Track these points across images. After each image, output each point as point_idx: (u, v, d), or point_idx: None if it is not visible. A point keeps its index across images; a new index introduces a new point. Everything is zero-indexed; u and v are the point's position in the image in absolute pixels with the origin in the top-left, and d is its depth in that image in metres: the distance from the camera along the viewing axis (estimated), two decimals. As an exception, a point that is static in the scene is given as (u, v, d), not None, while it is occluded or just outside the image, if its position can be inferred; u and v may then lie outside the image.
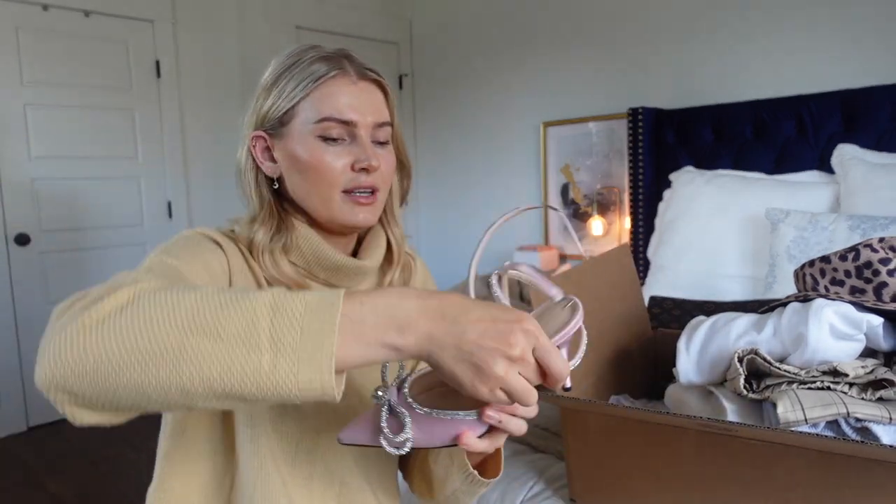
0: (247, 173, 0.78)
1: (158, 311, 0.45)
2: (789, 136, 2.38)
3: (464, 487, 0.74)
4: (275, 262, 0.75)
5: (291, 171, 0.76)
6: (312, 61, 0.74)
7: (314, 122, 0.73)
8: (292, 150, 0.75)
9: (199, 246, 0.71)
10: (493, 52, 3.55)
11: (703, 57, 2.71)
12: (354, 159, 0.74)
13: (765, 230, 2.10)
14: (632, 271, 1.30)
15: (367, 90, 0.76)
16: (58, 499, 2.33)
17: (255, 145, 0.77)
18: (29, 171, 2.88)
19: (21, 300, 2.91)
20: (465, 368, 0.48)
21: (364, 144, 0.74)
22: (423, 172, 4.11)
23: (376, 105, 0.77)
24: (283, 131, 0.75)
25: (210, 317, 0.45)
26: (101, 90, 3.05)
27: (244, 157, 0.78)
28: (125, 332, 0.44)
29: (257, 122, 0.77)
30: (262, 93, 0.77)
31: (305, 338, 0.45)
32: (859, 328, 0.88)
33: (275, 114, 0.75)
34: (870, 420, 0.82)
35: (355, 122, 0.74)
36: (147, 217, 3.25)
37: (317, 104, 0.73)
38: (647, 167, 2.71)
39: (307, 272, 0.78)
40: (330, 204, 0.75)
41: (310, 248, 0.77)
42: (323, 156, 0.73)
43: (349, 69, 0.75)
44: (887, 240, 0.95)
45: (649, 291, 2.16)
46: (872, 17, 2.26)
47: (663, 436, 0.88)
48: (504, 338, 0.47)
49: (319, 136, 0.73)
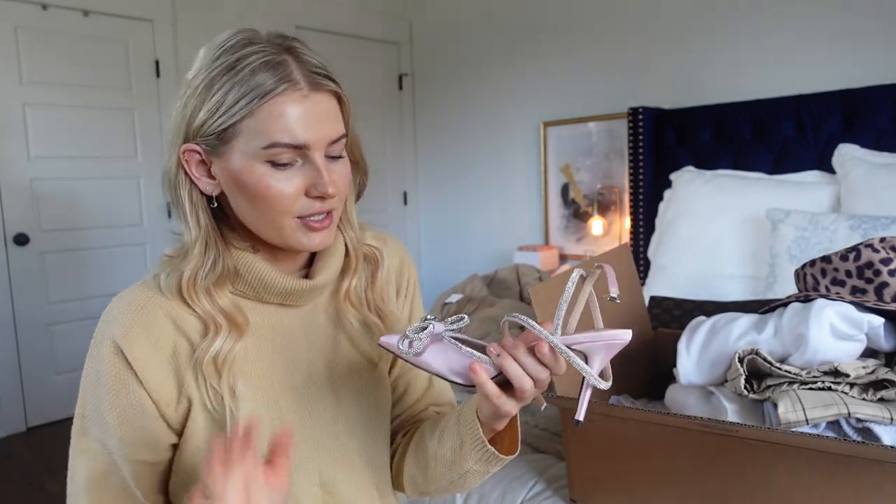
0: (179, 189, 0.68)
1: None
2: (789, 136, 2.38)
3: (477, 467, 0.71)
4: (210, 297, 0.69)
5: (235, 193, 0.68)
6: (254, 69, 0.63)
7: (261, 148, 0.64)
8: (235, 173, 0.66)
9: (119, 395, 0.68)
10: (493, 52, 3.55)
11: (703, 57, 2.71)
12: (309, 184, 0.66)
13: (765, 230, 2.10)
14: (632, 271, 1.30)
15: (319, 103, 0.66)
16: (57, 499, 2.33)
17: (189, 160, 0.67)
18: (28, 171, 2.88)
19: (20, 300, 2.90)
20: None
21: (319, 168, 0.66)
22: (423, 172, 4.11)
23: (331, 119, 0.67)
24: (223, 150, 0.66)
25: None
26: (101, 90, 3.05)
27: (174, 171, 0.68)
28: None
29: (189, 133, 0.66)
30: (191, 97, 0.66)
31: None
32: (860, 328, 0.88)
33: (211, 129, 0.65)
34: (871, 420, 0.82)
35: (308, 144, 0.65)
36: (147, 217, 3.25)
37: (262, 126, 0.63)
38: (647, 167, 2.70)
39: (256, 298, 0.73)
40: (282, 230, 0.68)
41: (255, 277, 0.71)
42: (272, 183, 0.65)
43: (298, 79, 0.64)
44: (888, 240, 0.95)
45: (649, 291, 2.16)
46: (872, 17, 2.26)
47: (663, 436, 0.88)
48: None
49: (267, 161, 0.65)
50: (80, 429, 0.72)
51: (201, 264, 0.68)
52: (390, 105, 4.03)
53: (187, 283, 0.68)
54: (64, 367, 3.04)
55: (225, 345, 0.69)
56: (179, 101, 0.68)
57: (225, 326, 0.69)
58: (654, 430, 0.89)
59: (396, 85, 4.04)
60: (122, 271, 3.17)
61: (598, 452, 0.96)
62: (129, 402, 0.68)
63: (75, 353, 3.06)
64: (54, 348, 3.01)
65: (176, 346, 0.69)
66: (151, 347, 0.68)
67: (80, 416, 0.72)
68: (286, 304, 0.75)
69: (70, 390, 3.07)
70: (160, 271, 0.71)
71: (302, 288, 0.74)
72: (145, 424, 0.69)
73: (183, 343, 0.69)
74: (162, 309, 0.69)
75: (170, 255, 0.72)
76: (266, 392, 0.73)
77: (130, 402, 0.68)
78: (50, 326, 3.00)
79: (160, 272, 0.71)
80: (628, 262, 1.29)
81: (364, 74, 3.88)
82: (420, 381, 0.89)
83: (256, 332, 0.73)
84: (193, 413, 0.70)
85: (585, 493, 1.00)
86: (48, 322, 2.99)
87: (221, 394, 0.69)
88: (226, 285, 0.71)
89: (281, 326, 0.75)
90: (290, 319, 0.76)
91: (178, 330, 0.69)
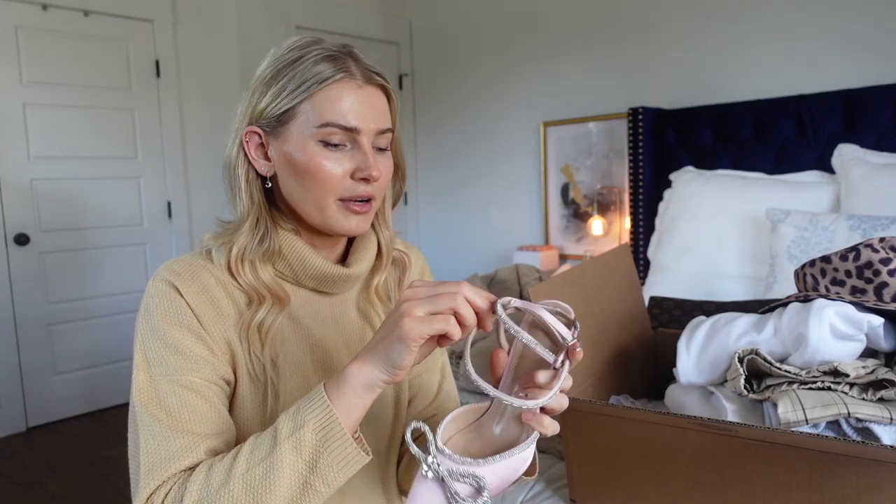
0: (237, 169, 0.74)
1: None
2: (789, 136, 2.38)
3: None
4: (255, 271, 0.73)
5: (287, 173, 0.73)
6: (317, 61, 0.71)
7: (316, 127, 0.70)
8: (290, 151, 0.72)
9: (172, 320, 0.69)
10: (493, 51, 3.55)
11: (703, 57, 2.71)
12: (355, 167, 0.72)
13: (765, 230, 2.10)
14: (632, 271, 1.30)
15: (372, 95, 0.73)
16: (58, 499, 2.33)
17: (249, 141, 0.74)
18: (28, 171, 2.88)
19: (21, 300, 2.90)
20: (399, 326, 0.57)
21: (366, 152, 0.72)
22: (423, 172, 4.11)
23: (380, 111, 0.74)
24: (281, 131, 0.72)
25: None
26: (101, 90, 3.05)
27: (235, 152, 0.75)
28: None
29: (253, 117, 0.73)
30: (259, 86, 0.73)
31: (333, 458, 0.59)
32: (860, 328, 0.88)
33: (273, 112, 0.71)
34: (870, 420, 0.82)
35: (359, 129, 0.71)
36: (147, 217, 3.25)
37: (319, 108, 0.70)
38: (647, 167, 2.70)
39: (294, 280, 0.77)
40: (324, 210, 0.73)
41: (296, 258, 0.75)
42: (323, 161, 0.70)
43: (355, 72, 0.72)
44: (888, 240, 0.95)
45: (649, 291, 2.16)
46: (872, 17, 2.26)
47: (663, 436, 0.88)
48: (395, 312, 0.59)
49: (320, 141, 0.70)
50: (145, 370, 0.68)
51: (251, 238, 0.74)
52: (390, 105, 4.03)
53: (236, 255, 0.73)
54: (64, 367, 3.04)
55: (269, 316, 0.73)
56: (246, 93, 0.75)
57: (268, 298, 0.73)
58: (653, 430, 0.89)
59: (397, 85, 4.05)
60: (122, 271, 3.17)
61: (597, 452, 0.96)
62: (184, 323, 0.69)
63: (75, 353, 3.06)
64: (54, 348, 3.01)
65: (226, 308, 0.72)
66: (207, 301, 0.71)
67: (143, 364, 0.68)
68: (320, 291, 0.79)
69: (70, 390, 3.07)
70: (208, 246, 0.76)
71: (337, 274, 0.77)
72: (198, 351, 0.69)
73: (231, 308, 0.73)
74: (212, 275, 0.73)
75: (218, 233, 0.77)
76: (299, 371, 0.76)
77: (187, 324, 0.69)
78: (50, 326, 3.00)
79: (209, 246, 0.76)
80: (628, 262, 1.29)
81: (364, 74, 3.87)
82: (432, 384, 0.90)
83: (293, 314, 0.77)
84: (240, 377, 0.72)
85: (585, 493, 1.00)
86: (48, 322, 2.99)
87: (264, 363, 0.72)
88: (269, 264, 0.75)
89: (314, 312, 0.79)
90: (322, 306, 0.80)
91: (228, 295, 0.73)
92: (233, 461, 0.60)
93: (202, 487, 0.60)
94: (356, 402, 0.60)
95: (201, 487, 0.60)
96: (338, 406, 0.59)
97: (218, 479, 0.59)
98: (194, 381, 0.67)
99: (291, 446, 0.59)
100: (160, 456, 0.63)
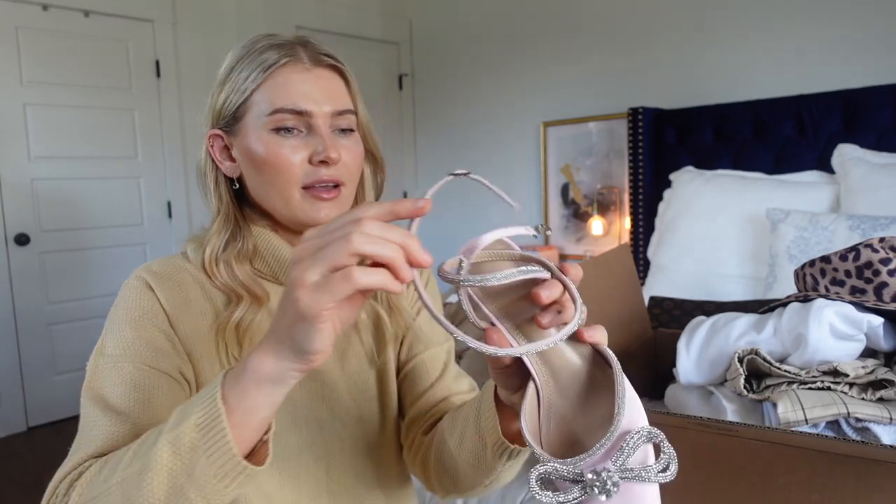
0: (206, 174, 0.75)
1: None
2: (789, 136, 2.38)
3: (503, 466, 0.66)
4: (230, 270, 0.72)
5: (249, 169, 0.72)
6: (263, 50, 0.71)
7: (267, 115, 0.69)
8: (248, 146, 0.71)
9: (139, 312, 0.69)
10: (494, 52, 3.55)
11: (703, 57, 2.71)
12: (312, 151, 0.70)
13: (765, 230, 2.10)
14: (632, 271, 1.30)
15: (322, 77, 0.72)
16: (57, 499, 2.33)
17: (213, 145, 0.74)
18: (29, 171, 2.88)
19: (21, 300, 2.90)
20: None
21: (322, 135, 0.70)
22: (423, 172, 4.11)
23: (334, 92, 0.72)
24: (238, 127, 0.72)
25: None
26: (101, 90, 3.05)
27: (203, 158, 0.75)
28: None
29: (213, 119, 0.74)
30: (216, 88, 0.73)
31: (212, 464, 0.49)
32: (860, 328, 0.88)
33: (229, 109, 0.71)
34: (870, 420, 0.82)
35: (310, 111, 0.70)
36: (147, 217, 3.25)
37: (269, 95, 0.69)
38: (647, 167, 2.70)
39: (273, 278, 0.76)
40: (289, 201, 0.71)
41: (271, 254, 0.75)
42: (278, 150, 0.69)
43: (302, 55, 0.71)
44: (888, 240, 0.95)
45: (649, 291, 2.16)
46: (872, 17, 2.26)
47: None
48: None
49: (273, 129, 0.69)
50: (97, 355, 0.68)
51: (220, 238, 0.73)
52: (390, 105, 4.03)
53: (209, 256, 0.72)
54: (64, 367, 3.04)
55: (247, 315, 0.72)
56: (208, 97, 0.75)
57: (246, 297, 0.72)
58: (653, 429, 0.89)
59: (396, 85, 4.04)
60: (122, 271, 3.17)
61: (597, 452, 0.96)
62: (153, 319, 0.69)
63: (75, 353, 3.06)
64: (54, 348, 3.01)
65: (202, 308, 0.72)
66: (180, 300, 0.70)
67: (97, 350, 0.68)
68: None
69: (71, 390, 3.07)
70: (186, 249, 0.76)
71: None
72: (159, 344, 0.68)
73: (208, 308, 0.72)
74: (191, 275, 0.73)
75: (197, 235, 0.77)
76: None
77: (154, 320, 0.69)
78: (50, 326, 3.00)
79: (186, 249, 0.76)
80: (628, 262, 1.29)
81: (364, 74, 3.87)
82: (433, 361, 0.84)
83: (273, 312, 0.74)
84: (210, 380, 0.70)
85: (585, 493, 1.00)
86: (48, 322, 2.99)
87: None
88: (245, 263, 0.74)
89: None
90: None
91: (205, 295, 0.72)
92: (125, 452, 0.54)
93: (92, 477, 0.55)
94: (261, 401, 0.49)
95: (91, 477, 0.55)
96: (235, 405, 0.49)
97: (105, 473, 0.54)
98: (142, 368, 0.66)
99: (169, 442, 0.49)
100: (81, 439, 0.63)
